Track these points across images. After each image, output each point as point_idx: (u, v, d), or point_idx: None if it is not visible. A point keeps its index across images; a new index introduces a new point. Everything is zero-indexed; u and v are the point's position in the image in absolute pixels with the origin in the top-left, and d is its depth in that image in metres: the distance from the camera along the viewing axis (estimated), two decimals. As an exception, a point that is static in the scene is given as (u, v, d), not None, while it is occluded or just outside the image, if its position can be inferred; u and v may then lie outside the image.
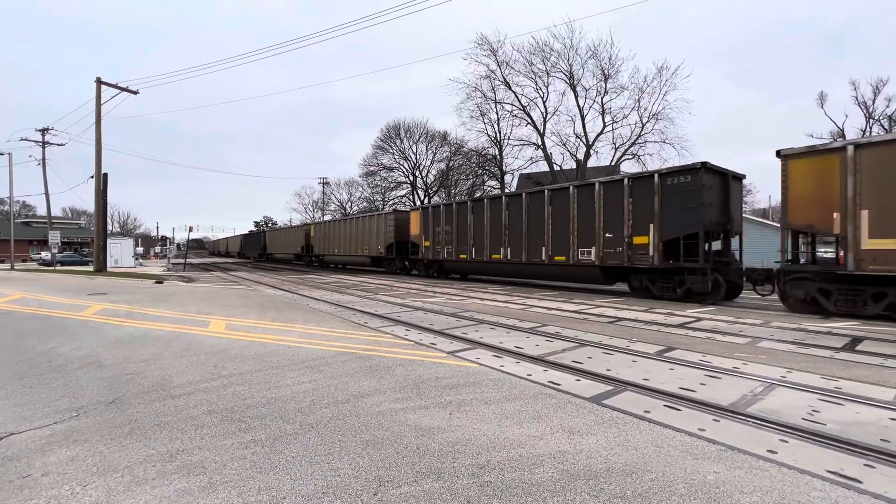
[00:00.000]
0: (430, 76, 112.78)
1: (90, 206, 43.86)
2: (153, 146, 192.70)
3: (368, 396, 4.21)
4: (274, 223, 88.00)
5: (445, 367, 5.32)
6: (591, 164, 33.18)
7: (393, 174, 50.67)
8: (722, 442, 3.21)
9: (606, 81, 31.48)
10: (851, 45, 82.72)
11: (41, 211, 63.16)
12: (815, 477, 2.72)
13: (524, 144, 35.71)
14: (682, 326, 8.36)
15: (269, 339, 6.97)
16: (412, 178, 49.15)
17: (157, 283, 19.26)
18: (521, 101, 34.05)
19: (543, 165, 34.71)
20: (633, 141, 31.85)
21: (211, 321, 8.66)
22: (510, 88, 33.87)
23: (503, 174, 38.29)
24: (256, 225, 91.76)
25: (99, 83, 24.89)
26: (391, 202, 50.20)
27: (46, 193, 36.61)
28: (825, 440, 3.26)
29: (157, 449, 3.12)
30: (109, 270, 27.07)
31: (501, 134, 36.78)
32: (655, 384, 4.62)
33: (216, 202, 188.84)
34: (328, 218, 53.29)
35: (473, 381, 4.74)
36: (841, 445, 3.17)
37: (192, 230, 38.14)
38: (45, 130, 34.90)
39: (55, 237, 31.19)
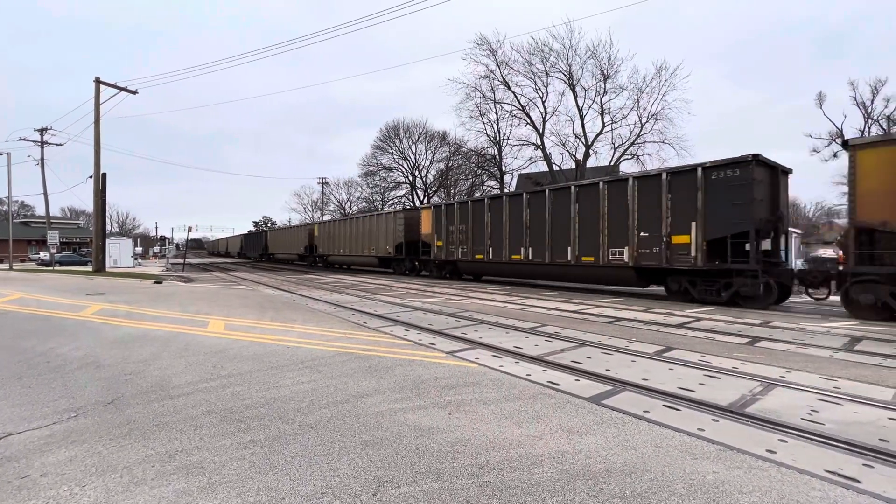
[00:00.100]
0: (429, 76, 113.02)
1: (89, 205, 43.80)
2: (152, 146, 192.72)
3: (368, 396, 4.21)
4: (273, 223, 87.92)
5: (445, 367, 5.32)
6: (590, 164, 33.26)
7: (392, 174, 50.79)
8: (721, 442, 3.22)
9: (605, 82, 31.61)
10: (851, 45, 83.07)
11: (40, 211, 63.09)
12: (813, 477, 2.72)
13: (523, 144, 35.84)
14: (681, 326, 8.36)
15: (268, 339, 6.96)
16: (411, 178, 49.21)
17: (155, 283, 19.23)
18: (520, 101, 34.16)
19: (543, 165, 34.78)
20: (632, 141, 31.98)
21: (210, 321, 8.65)
22: (509, 88, 33.99)
23: (502, 174, 38.37)
24: (255, 225, 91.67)
25: (98, 83, 24.84)
26: (390, 202, 50.25)
27: (45, 193, 36.53)
28: (824, 440, 3.26)
29: (155, 449, 3.11)
30: (108, 270, 27.03)
31: (501, 134, 36.90)
32: (655, 384, 4.62)
33: (215, 202, 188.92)
34: (327, 218, 53.25)
35: (473, 381, 4.74)
36: (840, 445, 3.17)
37: (191, 230, 38.20)
38: (43, 130, 34.81)
39: (54, 237, 31.14)
